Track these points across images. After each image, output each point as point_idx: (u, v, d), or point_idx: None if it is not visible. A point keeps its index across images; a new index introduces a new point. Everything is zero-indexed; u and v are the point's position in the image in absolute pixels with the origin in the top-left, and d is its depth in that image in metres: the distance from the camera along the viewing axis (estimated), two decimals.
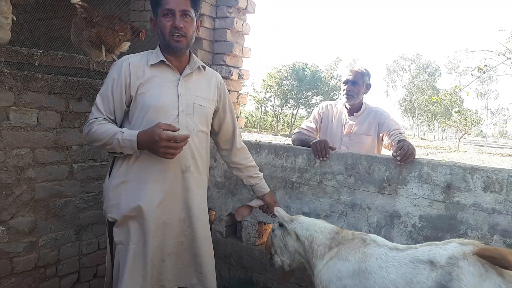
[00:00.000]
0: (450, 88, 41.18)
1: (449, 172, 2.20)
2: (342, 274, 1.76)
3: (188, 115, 1.86)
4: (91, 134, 1.76)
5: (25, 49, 2.03)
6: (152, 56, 1.86)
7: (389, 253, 1.74)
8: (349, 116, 2.93)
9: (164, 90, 1.82)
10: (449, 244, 1.64)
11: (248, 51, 3.23)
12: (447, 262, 1.54)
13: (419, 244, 1.79)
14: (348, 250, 1.82)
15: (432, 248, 1.65)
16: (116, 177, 1.82)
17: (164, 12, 1.78)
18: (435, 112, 52.66)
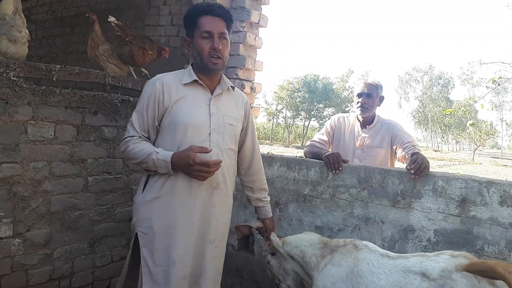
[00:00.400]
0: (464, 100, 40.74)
1: (464, 185, 2.17)
2: (335, 279, 1.81)
3: (219, 133, 1.92)
4: (127, 152, 1.83)
5: (44, 65, 2.08)
6: (185, 75, 1.91)
7: (380, 260, 1.80)
8: (362, 128, 2.92)
9: (196, 108, 1.88)
10: (441, 256, 1.69)
11: (261, 64, 3.26)
12: (440, 275, 1.59)
13: (410, 254, 1.83)
14: (340, 256, 1.87)
15: (424, 260, 1.70)
16: (149, 192, 1.86)
17: (203, 34, 1.84)
18: (448, 124, 52.06)
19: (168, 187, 1.84)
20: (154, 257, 1.82)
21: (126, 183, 2.55)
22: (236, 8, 3.05)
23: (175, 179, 1.83)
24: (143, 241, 1.83)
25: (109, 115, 2.40)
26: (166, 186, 1.84)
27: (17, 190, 2.01)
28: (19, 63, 1.98)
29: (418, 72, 56.65)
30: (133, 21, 3.65)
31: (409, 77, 57.53)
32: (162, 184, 1.84)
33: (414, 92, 57.33)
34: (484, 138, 35.66)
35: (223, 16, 1.89)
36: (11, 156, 1.98)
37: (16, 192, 2.01)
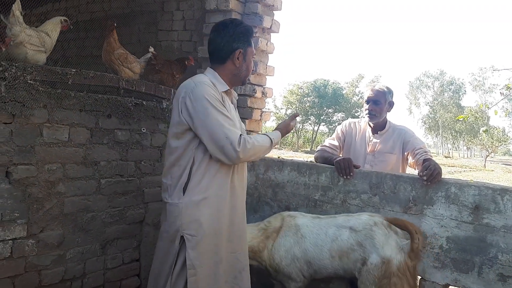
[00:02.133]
0: (475, 106, 40.27)
1: (478, 192, 2.15)
2: (287, 247, 2.30)
3: None
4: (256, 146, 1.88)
5: (60, 69, 2.11)
6: (217, 83, 1.94)
7: (314, 221, 2.35)
8: (373, 134, 2.91)
9: (234, 116, 2.00)
10: (361, 215, 2.29)
11: (272, 69, 3.27)
12: (363, 227, 2.19)
13: (337, 215, 2.40)
14: (284, 229, 2.34)
15: (349, 218, 2.29)
16: (195, 194, 1.87)
17: (254, 55, 2.03)
18: (460, 130, 51.48)
19: (216, 187, 1.89)
20: (202, 258, 1.86)
21: (138, 186, 2.57)
22: (248, 14, 3.07)
23: (221, 180, 1.90)
24: (190, 243, 1.84)
25: (123, 119, 2.43)
26: (213, 187, 1.89)
27: (32, 191, 2.04)
28: (36, 66, 2.02)
29: (428, 77, 56.21)
30: (147, 26, 3.70)
31: (420, 83, 57.09)
32: (207, 185, 1.88)
33: (425, 98, 56.86)
34: (496, 144, 35.20)
35: None
36: (27, 158, 2.01)
37: (31, 193, 2.04)
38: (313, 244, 2.26)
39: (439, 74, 55.26)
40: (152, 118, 2.61)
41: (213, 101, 1.82)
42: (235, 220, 1.97)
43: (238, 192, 1.99)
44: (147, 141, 2.60)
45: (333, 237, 2.23)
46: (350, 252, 2.18)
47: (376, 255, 2.09)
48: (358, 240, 2.17)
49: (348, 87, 41.81)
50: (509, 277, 2.05)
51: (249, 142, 1.84)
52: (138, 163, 2.56)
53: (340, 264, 2.21)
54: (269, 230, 2.38)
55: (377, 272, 2.06)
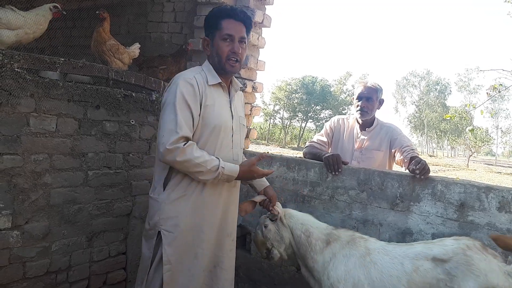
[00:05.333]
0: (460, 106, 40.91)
1: (463, 190, 2.19)
2: (349, 268, 1.96)
3: (237, 134, 2.03)
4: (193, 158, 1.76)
5: (48, 57, 2.07)
6: (208, 75, 1.92)
7: (388, 247, 2.00)
8: (361, 131, 2.93)
9: (223, 110, 1.95)
10: (444, 241, 1.94)
11: (263, 64, 3.26)
12: (454, 253, 1.83)
13: (415, 243, 2.05)
14: (350, 246, 2.02)
15: (430, 246, 1.94)
16: (175, 191, 1.88)
17: (224, 36, 1.88)
18: (444, 130, 52.32)
19: (195, 186, 1.88)
20: (178, 254, 1.86)
21: (126, 179, 2.54)
22: (240, 7, 3.05)
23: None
24: (167, 239, 1.86)
25: (111, 110, 2.40)
26: (193, 185, 1.87)
27: (17, 182, 2.00)
28: (24, 54, 1.97)
29: (415, 77, 56.90)
30: (136, 17, 3.65)
31: (407, 82, 57.75)
32: (188, 183, 1.87)
33: (411, 97, 57.57)
34: (479, 145, 35.86)
35: (244, 21, 1.94)
36: (13, 147, 1.97)
37: (16, 184, 2.00)
38: (385, 274, 1.89)
39: (425, 74, 56.00)
40: (141, 110, 2.58)
41: (178, 99, 1.79)
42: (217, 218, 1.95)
43: (222, 191, 1.95)
44: (135, 133, 2.57)
45: (411, 268, 1.87)
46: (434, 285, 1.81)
47: (475, 283, 1.73)
48: (446, 269, 1.81)
49: (336, 84, 42.07)
50: None
51: (184, 152, 1.75)
52: (126, 155, 2.53)
53: None
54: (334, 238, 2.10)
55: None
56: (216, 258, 1.97)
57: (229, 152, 1.97)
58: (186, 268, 1.89)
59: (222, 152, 1.93)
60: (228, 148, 1.96)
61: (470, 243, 1.87)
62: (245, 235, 3.05)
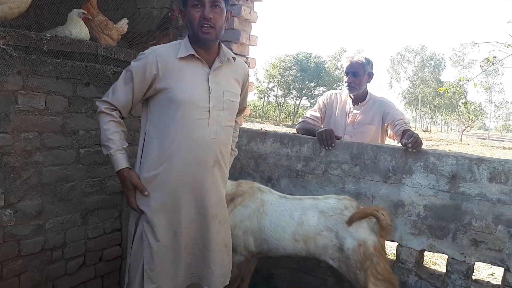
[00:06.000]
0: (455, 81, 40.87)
1: (455, 162, 2.20)
2: (244, 217, 2.26)
3: (219, 110, 1.87)
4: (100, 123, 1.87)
5: (34, 33, 2.02)
6: (181, 48, 1.82)
7: (281, 200, 2.30)
8: (354, 105, 2.93)
9: (194, 85, 1.81)
10: (330, 199, 2.26)
11: (255, 39, 3.21)
12: (334, 212, 2.16)
13: (304, 197, 2.36)
14: (249, 198, 2.30)
15: (318, 202, 2.24)
16: (147, 169, 1.84)
17: (194, 2, 1.76)
18: (438, 105, 52.47)
19: (166, 165, 1.82)
20: (155, 232, 1.84)
21: None
22: None
23: (172, 158, 1.81)
24: (145, 216, 1.85)
25: (101, 87, 2.36)
26: (164, 164, 1.82)
27: (8, 160, 1.99)
28: (9, 31, 1.92)
29: (410, 52, 56.64)
30: None
31: (401, 58, 57.53)
32: (159, 161, 1.82)
33: (406, 73, 57.48)
34: (473, 119, 36.08)
35: None
36: (1, 126, 1.94)
37: (7, 162, 1.98)
38: (274, 224, 2.22)
39: (420, 49, 55.75)
40: None
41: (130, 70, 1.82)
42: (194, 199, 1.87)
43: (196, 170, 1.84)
44: None
45: (298, 220, 2.19)
46: (318, 237, 2.16)
47: (351, 239, 2.09)
48: (328, 225, 2.15)
49: (330, 60, 41.79)
50: (481, 242, 2.13)
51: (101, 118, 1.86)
52: None
53: (305, 248, 2.19)
54: (238, 192, 2.36)
55: (356, 256, 2.06)
56: (203, 240, 1.92)
57: (204, 129, 1.83)
58: (166, 245, 1.86)
59: (192, 129, 1.82)
60: (201, 125, 1.83)
61: (348, 204, 2.20)
62: None
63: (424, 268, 2.43)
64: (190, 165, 1.83)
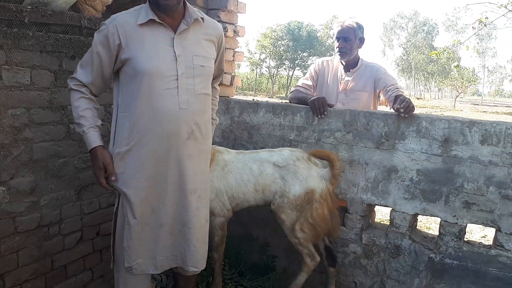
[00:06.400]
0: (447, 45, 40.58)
1: (447, 126, 2.20)
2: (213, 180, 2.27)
3: (189, 78, 1.76)
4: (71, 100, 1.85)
5: (14, 5, 1.95)
6: (141, 14, 1.71)
7: (238, 156, 2.40)
8: (345, 72, 2.89)
9: (157, 52, 1.70)
10: (283, 151, 2.40)
11: (244, 6, 3.13)
12: (287, 163, 2.31)
13: (259, 150, 2.49)
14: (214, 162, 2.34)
15: (272, 154, 2.39)
16: (119, 145, 1.81)
17: None
18: (432, 71, 52.29)
19: (137, 140, 1.77)
20: (132, 210, 1.82)
21: (109, 130, 2.48)
22: None
23: (143, 132, 1.75)
24: (122, 194, 1.83)
25: None
26: (135, 139, 1.77)
27: None
28: None
29: (403, 18, 55.88)
30: None
31: (394, 24, 56.79)
32: (129, 137, 1.77)
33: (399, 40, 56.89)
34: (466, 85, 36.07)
35: None
36: None
37: None
38: (238, 179, 2.32)
39: (413, 15, 54.96)
40: None
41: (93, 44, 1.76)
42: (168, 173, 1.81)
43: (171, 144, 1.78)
44: None
45: (258, 172, 2.32)
46: (272, 185, 2.31)
47: (299, 187, 2.25)
48: (281, 174, 2.30)
49: (323, 29, 41.20)
50: (473, 204, 2.16)
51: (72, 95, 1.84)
52: (107, 107, 2.47)
53: (263, 196, 2.33)
54: None
55: (299, 201, 2.25)
56: (183, 217, 1.87)
57: (173, 99, 1.73)
58: (144, 222, 1.84)
59: (160, 101, 1.72)
60: (169, 96, 1.72)
61: (300, 155, 2.35)
62: None
63: (417, 232, 2.48)
64: (161, 139, 1.76)
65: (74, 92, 1.82)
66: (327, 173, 2.30)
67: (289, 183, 2.27)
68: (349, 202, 2.52)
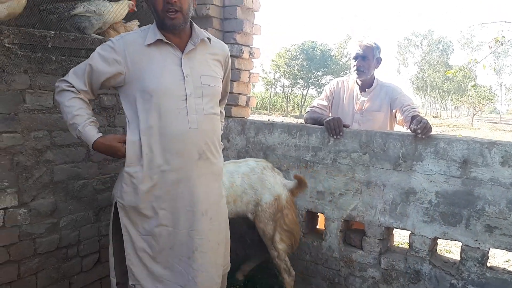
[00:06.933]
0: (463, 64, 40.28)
1: (466, 147, 2.17)
2: None
3: (197, 97, 1.76)
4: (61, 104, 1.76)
5: (38, 31, 2.03)
6: (148, 34, 1.72)
7: None
8: (361, 92, 2.90)
9: (166, 72, 1.71)
10: (249, 161, 2.53)
11: (259, 28, 3.18)
12: (255, 172, 2.44)
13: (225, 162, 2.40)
14: None
15: (240, 165, 2.48)
16: (128, 164, 1.75)
17: None
18: (448, 89, 51.81)
19: (146, 162, 1.72)
20: (137, 226, 1.78)
21: None
22: None
23: (151, 154, 1.73)
24: (122, 211, 1.78)
25: None
26: (144, 160, 1.73)
27: (20, 160, 2.01)
28: (13, 29, 1.93)
29: (417, 37, 55.87)
30: None
31: (408, 42, 56.80)
32: (139, 157, 1.73)
33: (413, 58, 56.77)
34: (483, 103, 35.58)
35: None
36: (11, 125, 1.96)
37: (19, 162, 2.00)
38: None
39: (427, 33, 54.91)
40: None
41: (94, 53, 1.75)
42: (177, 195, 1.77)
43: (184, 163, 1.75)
44: None
45: (228, 184, 2.34)
46: (243, 195, 2.39)
47: (269, 195, 2.39)
48: (251, 184, 2.40)
49: (337, 48, 41.41)
50: (495, 228, 2.11)
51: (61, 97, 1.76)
52: None
53: (235, 208, 2.37)
54: None
55: (272, 209, 2.38)
56: (193, 242, 1.79)
57: (183, 119, 1.72)
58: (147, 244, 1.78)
59: (169, 121, 1.71)
60: (180, 115, 1.72)
61: (265, 165, 2.51)
62: None
63: (438, 256, 2.42)
64: (171, 161, 1.73)
65: (66, 92, 1.74)
66: (290, 184, 2.49)
67: (260, 192, 2.40)
68: (367, 225, 2.48)
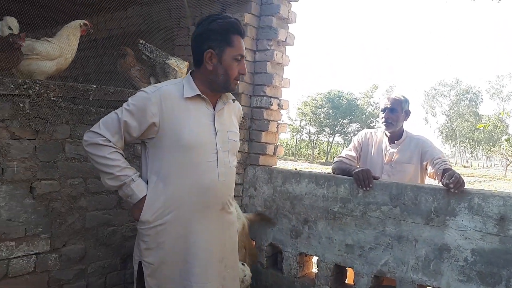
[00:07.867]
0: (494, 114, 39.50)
1: (503, 203, 2.10)
2: None
3: (225, 151, 1.83)
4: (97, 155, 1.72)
5: (81, 85, 2.17)
6: (185, 88, 1.77)
7: None
8: (390, 144, 2.88)
9: (201, 127, 1.77)
10: None
11: (288, 81, 3.28)
12: None
13: None
14: None
15: None
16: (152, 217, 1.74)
17: (236, 56, 1.76)
18: (478, 139, 50.59)
19: (174, 214, 1.73)
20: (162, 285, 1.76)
21: None
22: (263, 27, 3.10)
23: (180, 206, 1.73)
24: (148, 270, 1.76)
25: None
26: (172, 213, 1.73)
27: (55, 206, 2.07)
28: (59, 84, 2.07)
29: (444, 86, 55.64)
30: (163, 42, 3.76)
31: (436, 92, 56.54)
32: (165, 210, 1.73)
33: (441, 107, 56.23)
34: None
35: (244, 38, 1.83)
36: (50, 173, 2.05)
37: (54, 208, 2.07)
38: None
39: (454, 83, 54.70)
40: None
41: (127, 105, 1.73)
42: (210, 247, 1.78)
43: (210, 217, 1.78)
44: None
45: None
46: None
47: (239, 223, 2.60)
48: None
49: (363, 97, 41.65)
50: None
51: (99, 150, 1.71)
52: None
53: None
54: None
55: (242, 237, 2.61)
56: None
57: (213, 171, 1.77)
58: None
59: (202, 173, 1.75)
60: (211, 167, 1.77)
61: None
62: (276, 254, 3.02)
63: None
64: (198, 211, 1.76)
65: (104, 147, 1.72)
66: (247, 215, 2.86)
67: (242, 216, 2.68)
68: (398, 282, 2.38)
